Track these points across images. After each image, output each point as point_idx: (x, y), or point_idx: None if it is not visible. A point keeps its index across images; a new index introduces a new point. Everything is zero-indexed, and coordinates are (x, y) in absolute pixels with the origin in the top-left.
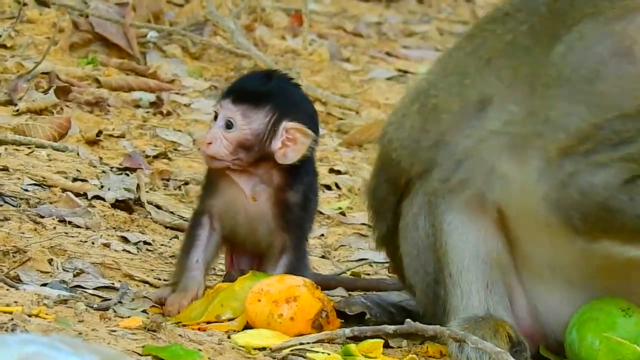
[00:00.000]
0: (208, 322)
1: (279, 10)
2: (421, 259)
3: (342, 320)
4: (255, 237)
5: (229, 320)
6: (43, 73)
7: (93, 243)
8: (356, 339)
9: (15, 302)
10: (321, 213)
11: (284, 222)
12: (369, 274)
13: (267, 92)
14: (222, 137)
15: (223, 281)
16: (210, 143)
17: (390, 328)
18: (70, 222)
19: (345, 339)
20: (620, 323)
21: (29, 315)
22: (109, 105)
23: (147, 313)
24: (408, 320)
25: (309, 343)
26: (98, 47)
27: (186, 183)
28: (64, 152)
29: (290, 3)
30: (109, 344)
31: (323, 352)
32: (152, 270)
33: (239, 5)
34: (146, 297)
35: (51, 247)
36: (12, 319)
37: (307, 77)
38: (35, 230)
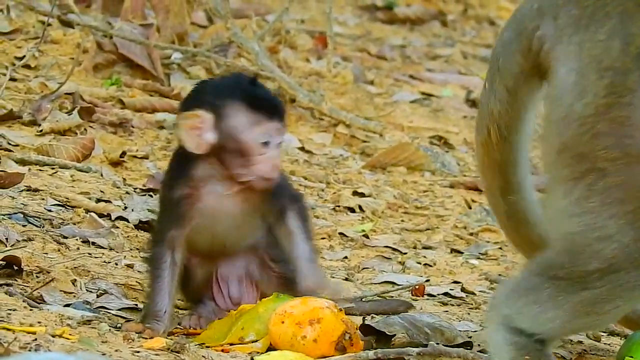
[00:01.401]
0: (231, 344)
1: (303, 33)
2: None
3: (373, 338)
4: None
5: (252, 342)
6: (67, 94)
7: (116, 264)
8: None
9: (39, 322)
10: (344, 235)
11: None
12: (392, 297)
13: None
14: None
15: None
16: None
17: (414, 351)
18: (93, 243)
19: None
20: None
21: (53, 336)
22: (132, 127)
23: (172, 334)
24: (431, 342)
25: None
26: (122, 68)
27: None
28: (87, 172)
29: (315, 25)
30: None
31: None
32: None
33: (264, 28)
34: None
35: (74, 267)
36: (36, 339)
37: (331, 99)
38: (59, 250)
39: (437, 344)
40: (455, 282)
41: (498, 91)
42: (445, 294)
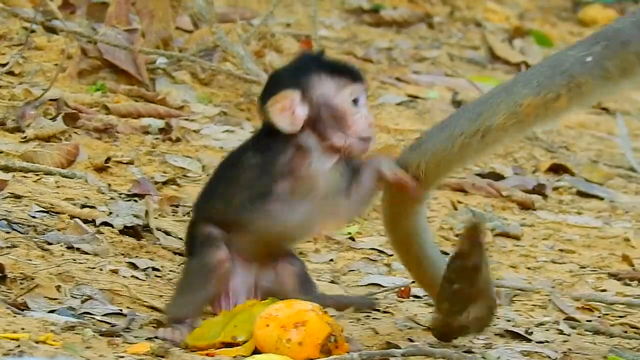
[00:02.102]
0: (223, 343)
1: (289, 36)
2: None
3: None
4: None
5: (244, 342)
6: (51, 100)
7: (101, 270)
8: None
9: (23, 328)
10: (330, 238)
11: None
12: (377, 299)
13: None
14: None
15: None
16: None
17: (399, 352)
18: (78, 249)
19: None
20: None
21: (36, 342)
22: (117, 132)
23: (156, 339)
24: (416, 343)
25: None
26: (107, 74)
27: None
28: (72, 178)
29: (301, 29)
30: None
31: None
32: (161, 296)
33: (249, 31)
34: (155, 322)
35: (59, 273)
36: (19, 346)
37: None
38: (43, 257)
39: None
40: None
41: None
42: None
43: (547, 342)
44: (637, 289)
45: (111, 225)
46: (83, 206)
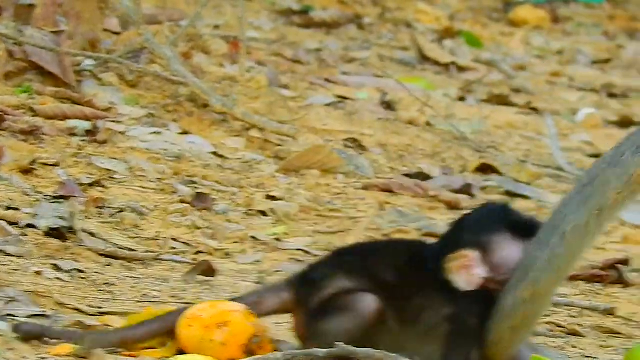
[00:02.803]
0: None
1: (217, 38)
2: None
3: None
4: None
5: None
6: None
7: (25, 271)
8: None
9: None
10: (256, 239)
11: None
12: None
13: None
14: None
15: None
16: None
17: (322, 352)
18: (2, 251)
19: None
20: None
21: None
22: (43, 134)
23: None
24: (339, 343)
25: None
26: (33, 76)
27: (121, 211)
28: None
29: (230, 30)
30: None
31: None
32: (85, 297)
33: (177, 33)
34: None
35: None
36: None
37: (244, 103)
38: None
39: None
40: None
41: None
42: None
43: None
44: (563, 288)
45: (36, 227)
46: (7, 208)
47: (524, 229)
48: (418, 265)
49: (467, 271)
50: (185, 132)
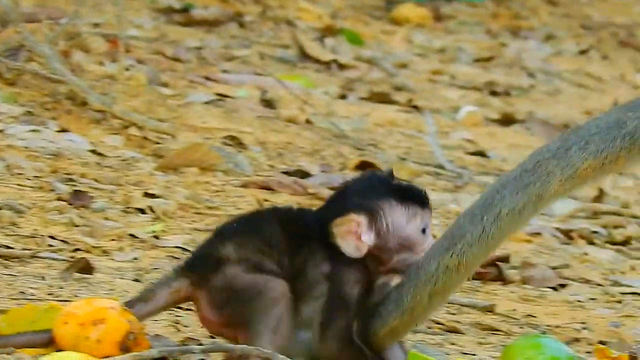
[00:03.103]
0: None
1: (97, 36)
2: None
3: None
4: None
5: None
6: None
7: None
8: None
9: None
10: (134, 237)
11: None
12: None
13: None
14: None
15: None
16: None
17: (198, 348)
18: None
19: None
20: None
21: None
22: None
23: None
24: (215, 340)
25: None
26: None
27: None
28: None
29: (110, 29)
30: None
31: None
32: None
33: (56, 31)
34: None
35: None
36: None
37: (123, 101)
38: None
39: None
40: None
41: None
42: None
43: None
44: None
45: None
46: None
47: (408, 195)
48: (303, 230)
49: (354, 237)
50: (63, 130)
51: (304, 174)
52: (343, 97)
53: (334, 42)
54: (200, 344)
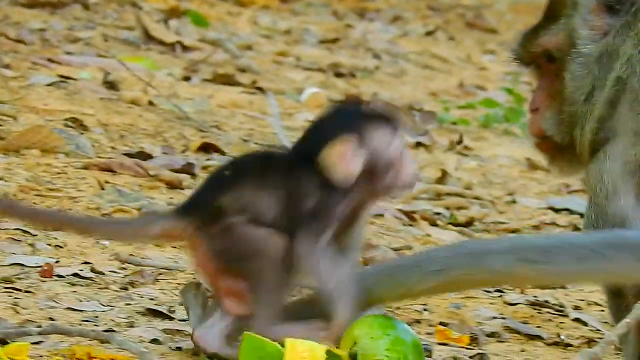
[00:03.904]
0: None
1: None
2: None
3: None
4: None
5: None
6: None
7: None
8: (2, 342)
9: None
10: None
11: None
12: (20, 278)
13: None
14: None
15: None
16: None
17: (35, 330)
18: None
19: None
20: None
21: None
22: None
23: None
24: (53, 322)
25: None
26: None
27: None
28: None
29: None
30: None
31: None
32: None
33: None
34: None
35: None
36: None
37: None
38: None
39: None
40: (85, 262)
41: None
42: (75, 274)
43: (186, 320)
44: None
45: None
46: None
47: (387, 118)
48: (292, 168)
49: (345, 160)
50: None
51: (146, 156)
52: (187, 78)
53: (179, 24)
54: (39, 326)
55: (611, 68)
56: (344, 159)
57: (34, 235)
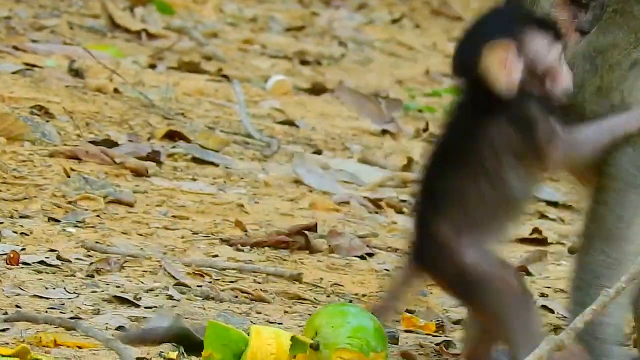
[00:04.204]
0: None
1: None
2: None
3: None
4: None
5: None
6: None
7: None
8: None
9: None
10: None
11: None
12: None
13: None
14: None
15: None
16: None
17: (1, 318)
18: None
19: None
20: None
21: None
22: None
23: None
24: (19, 309)
25: None
26: None
27: None
28: None
29: None
30: None
31: None
32: None
33: None
34: None
35: None
36: None
37: None
38: None
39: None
40: (51, 250)
41: None
42: (41, 262)
43: (155, 307)
44: (249, 254)
45: None
46: None
47: (546, 24)
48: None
49: (504, 67)
50: None
51: (112, 144)
52: (152, 66)
53: (144, 12)
54: (5, 313)
55: None
56: (502, 66)
57: (0, 223)
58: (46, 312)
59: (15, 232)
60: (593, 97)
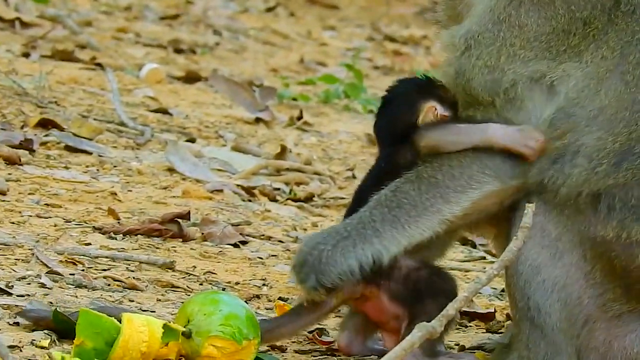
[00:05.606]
0: None
1: None
2: None
3: None
4: None
5: None
6: None
7: None
8: None
9: None
10: None
11: None
12: None
13: None
14: None
15: None
16: None
17: None
18: None
19: None
20: None
21: None
22: None
23: None
24: None
25: None
26: None
27: None
28: None
29: None
30: None
31: None
32: None
33: None
34: None
35: None
36: None
37: None
38: None
39: None
40: None
41: None
42: None
43: (28, 295)
44: (122, 242)
45: None
46: None
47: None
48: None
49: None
50: None
51: None
52: (26, 55)
53: (18, 0)
54: None
55: None
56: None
57: None
58: None
59: None
60: None
